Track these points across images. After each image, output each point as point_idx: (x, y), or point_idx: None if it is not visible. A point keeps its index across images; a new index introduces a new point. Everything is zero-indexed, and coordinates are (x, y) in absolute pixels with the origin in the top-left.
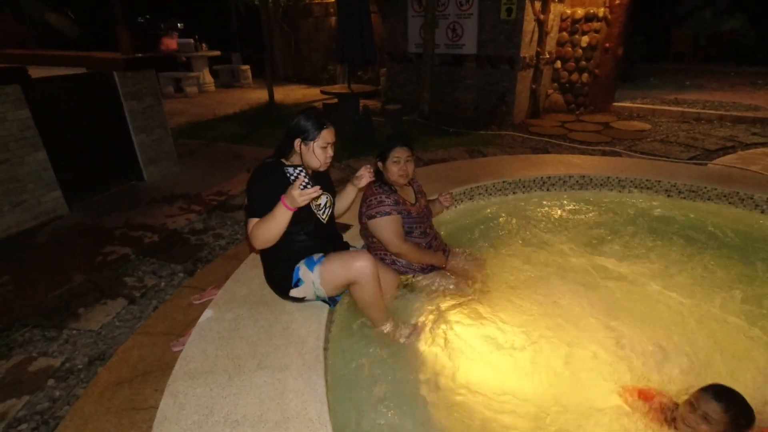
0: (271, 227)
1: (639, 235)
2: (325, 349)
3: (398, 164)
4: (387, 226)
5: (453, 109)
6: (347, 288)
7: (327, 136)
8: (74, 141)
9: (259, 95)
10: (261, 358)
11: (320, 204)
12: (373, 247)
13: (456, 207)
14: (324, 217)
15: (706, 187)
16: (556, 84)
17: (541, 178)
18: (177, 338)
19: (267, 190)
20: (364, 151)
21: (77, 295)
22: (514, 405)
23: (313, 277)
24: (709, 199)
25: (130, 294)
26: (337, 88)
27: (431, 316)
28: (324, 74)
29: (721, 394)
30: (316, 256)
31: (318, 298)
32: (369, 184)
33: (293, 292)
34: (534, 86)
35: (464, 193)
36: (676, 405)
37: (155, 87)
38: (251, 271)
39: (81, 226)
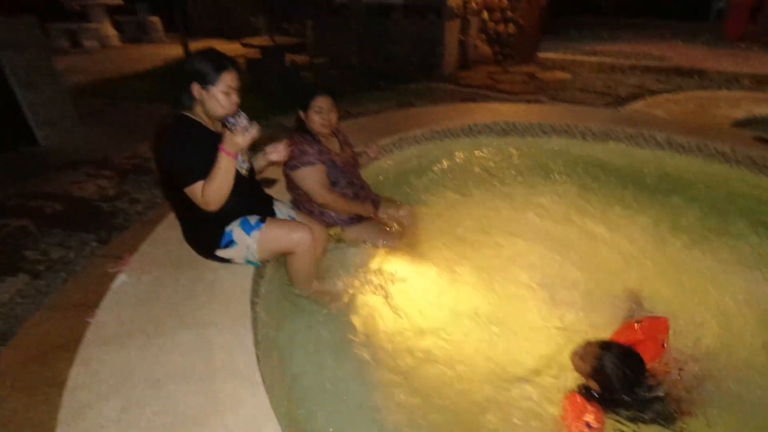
0: (225, 180)
1: (559, 176)
2: (254, 303)
3: (321, 114)
4: (311, 177)
5: (382, 62)
6: (280, 255)
7: (230, 79)
8: None
9: (173, 51)
10: (183, 317)
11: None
12: (300, 199)
13: (385, 158)
14: (243, 170)
15: (615, 130)
16: (483, 35)
17: (468, 126)
18: (93, 310)
19: (194, 148)
20: (293, 108)
21: None
22: (443, 351)
23: (250, 242)
24: (618, 140)
25: (32, 269)
26: (260, 41)
27: (362, 268)
28: (245, 27)
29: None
30: (252, 219)
31: (246, 261)
32: (292, 134)
33: (221, 253)
34: (462, 37)
35: (393, 143)
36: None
37: (40, 37)
38: (168, 232)
39: None
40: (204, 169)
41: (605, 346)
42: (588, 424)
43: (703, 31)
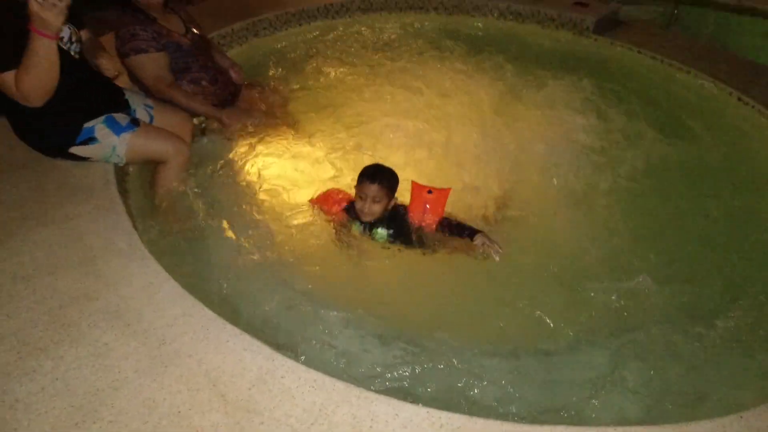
0: (46, 68)
1: (414, 47)
2: (123, 192)
3: None
4: (144, 66)
5: None
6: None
7: None
8: None
9: None
10: (38, 217)
11: (62, 37)
12: (147, 90)
13: (241, 44)
14: (73, 53)
15: (464, 2)
16: None
17: (325, 6)
18: None
19: None
20: None
21: None
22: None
23: (117, 142)
24: (467, 13)
25: None
26: None
27: (230, 157)
28: None
29: (373, 175)
30: (122, 120)
31: (106, 160)
32: (121, 15)
33: (76, 150)
34: None
35: (248, 28)
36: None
37: None
38: None
39: None
40: (12, 53)
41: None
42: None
43: None
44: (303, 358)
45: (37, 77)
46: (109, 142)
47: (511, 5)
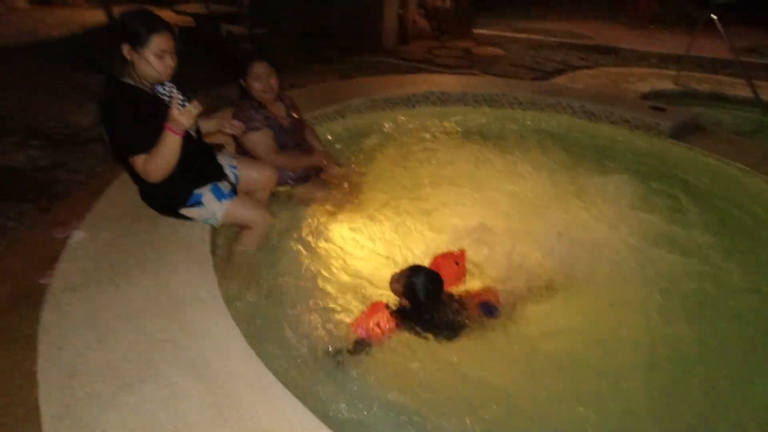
0: (170, 159)
1: (490, 139)
2: (213, 253)
3: (260, 81)
4: (259, 141)
5: (322, 34)
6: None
7: (161, 42)
8: None
9: (91, 16)
10: (145, 265)
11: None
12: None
13: (329, 124)
14: (192, 132)
15: (539, 99)
16: (422, 10)
17: (407, 95)
18: (43, 272)
19: (135, 118)
20: (230, 79)
21: None
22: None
23: (217, 209)
24: (541, 109)
25: None
26: (193, 8)
27: (309, 223)
28: None
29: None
30: (224, 188)
31: (206, 222)
32: (239, 103)
33: (185, 211)
34: (401, 11)
35: (336, 111)
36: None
37: None
38: (120, 194)
39: None
40: (143, 139)
41: (415, 268)
42: (378, 323)
43: (623, 10)
44: None
45: (162, 163)
46: (211, 207)
47: (585, 104)
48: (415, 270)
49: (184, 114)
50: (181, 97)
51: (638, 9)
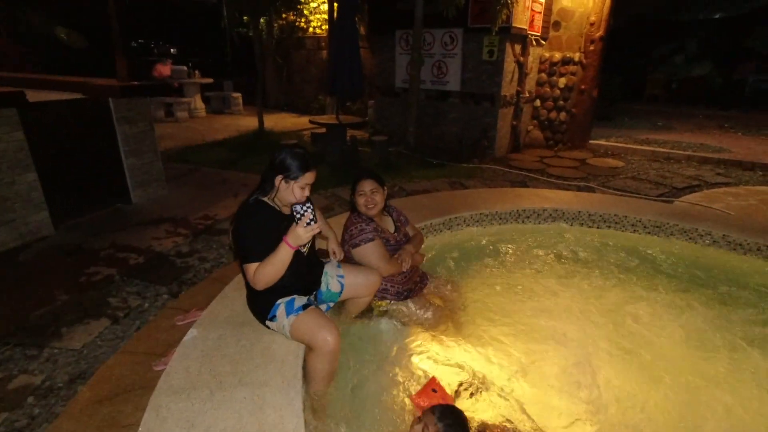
0: (278, 269)
1: (606, 267)
2: (304, 368)
3: (363, 196)
4: (372, 252)
5: (437, 141)
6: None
7: (309, 178)
8: (65, 163)
9: (249, 122)
10: (242, 376)
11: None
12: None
13: (435, 236)
14: (305, 249)
15: (668, 223)
16: (536, 121)
17: (517, 210)
18: (159, 358)
19: (260, 232)
20: (349, 180)
21: (60, 314)
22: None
23: (285, 323)
24: (671, 235)
25: (113, 314)
26: (326, 119)
27: (406, 341)
28: (314, 104)
29: (444, 413)
30: (297, 302)
31: (287, 338)
32: (349, 215)
33: (268, 324)
34: (515, 123)
35: (443, 223)
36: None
37: (148, 113)
38: (234, 293)
39: (66, 247)
40: (263, 251)
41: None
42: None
43: (765, 122)
44: None
45: (270, 273)
46: (282, 323)
47: (729, 235)
48: (443, 412)
49: (308, 232)
50: (311, 217)
51: None
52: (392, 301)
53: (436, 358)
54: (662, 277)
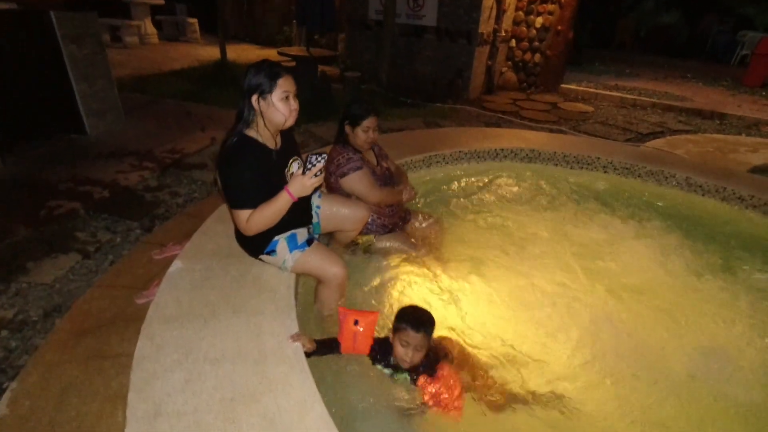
0: (275, 218)
1: (580, 205)
2: (296, 299)
3: (367, 133)
4: (360, 179)
5: (411, 80)
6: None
7: (284, 84)
8: (4, 87)
9: (209, 52)
10: (234, 305)
11: (292, 172)
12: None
13: (413, 175)
14: None
15: (637, 165)
16: (510, 62)
17: (494, 149)
18: (140, 291)
19: (251, 176)
20: (323, 116)
21: (24, 249)
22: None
23: (287, 257)
24: (639, 176)
25: (83, 249)
26: (295, 51)
27: (389, 275)
28: (279, 36)
29: (418, 323)
30: (300, 238)
31: (280, 269)
32: (333, 146)
33: (263, 257)
34: (489, 63)
35: (423, 161)
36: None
37: (98, 32)
38: (217, 226)
39: (19, 180)
40: (256, 198)
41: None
42: (356, 321)
43: (725, 75)
44: None
45: (269, 220)
46: (282, 256)
47: (692, 177)
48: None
49: (315, 184)
50: (321, 168)
51: (749, 73)
52: (377, 236)
53: (416, 292)
54: (630, 211)
